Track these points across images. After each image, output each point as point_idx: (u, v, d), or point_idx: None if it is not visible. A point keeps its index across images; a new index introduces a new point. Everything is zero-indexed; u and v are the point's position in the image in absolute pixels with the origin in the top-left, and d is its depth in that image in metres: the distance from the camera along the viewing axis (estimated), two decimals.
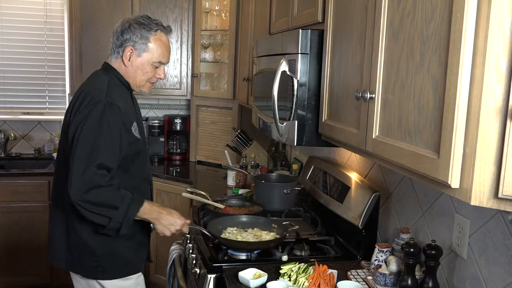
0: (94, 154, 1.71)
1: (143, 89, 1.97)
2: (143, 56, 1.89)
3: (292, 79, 1.74)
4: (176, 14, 3.81)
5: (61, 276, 3.52)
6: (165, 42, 1.93)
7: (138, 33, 1.87)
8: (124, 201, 1.75)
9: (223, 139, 3.76)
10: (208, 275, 1.81)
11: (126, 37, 1.88)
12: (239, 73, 3.28)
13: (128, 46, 1.88)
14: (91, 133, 1.73)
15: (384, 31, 1.26)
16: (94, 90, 1.83)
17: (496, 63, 0.89)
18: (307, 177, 2.55)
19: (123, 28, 1.90)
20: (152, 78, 1.95)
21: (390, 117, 1.24)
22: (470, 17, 0.92)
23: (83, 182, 1.68)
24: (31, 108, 4.10)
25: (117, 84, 1.90)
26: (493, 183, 0.92)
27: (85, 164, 1.70)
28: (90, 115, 1.75)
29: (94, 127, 1.74)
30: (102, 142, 1.74)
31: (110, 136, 1.76)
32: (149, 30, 1.88)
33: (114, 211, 1.73)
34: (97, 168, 1.71)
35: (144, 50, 1.88)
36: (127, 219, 1.76)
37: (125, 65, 1.90)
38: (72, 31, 3.72)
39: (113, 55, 1.93)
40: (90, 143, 1.72)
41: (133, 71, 1.91)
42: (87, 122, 1.74)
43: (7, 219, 3.49)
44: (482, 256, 1.42)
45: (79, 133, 1.74)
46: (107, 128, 1.75)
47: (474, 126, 0.93)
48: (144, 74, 1.92)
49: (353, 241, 2.02)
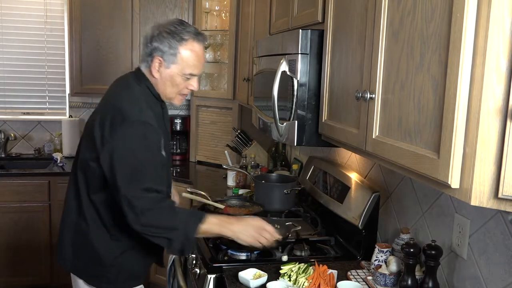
0: (140, 178, 1.64)
1: (173, 101, 1.84)
2: (172, 68, 1.74)
3: (292, 79, 1.74)
4: (176, 14, 3.81)
5: (61, 276, 3.51)
6: (197, 52, 1.76)
7: (166, 43, 1.71)
8: (182, 220, 1.67)
9: (223, 139, 3.76)
10: (208, 275, 1.81)
11: (155, 46, 1.73)
12: (239, 73, 3.28)
13: (157, 56, 1.73)
14: (132, 156, 1.64)
15: (384, 31, 1.26)
16: (127, 106, 1.71)
17: (496, 63, 0.89)
18: (307, 177, 2.55)
19: (153, 34, 1.75)
20: (183, 90, 1.80)
21: (390, 117, 1.24)
22: (470, 17, 0.92)
23: (138, 209, 1.62)
24: (31, 108, 4.10)
25: (149, 95, 1.79)
26: (493, 183, 0.92)
27: (134, 190, 1.63)
28: (127, 135, 1.65)
29: (135, 149, 1.65)
30: (146, 165, 1.66)
31: (152, 155, 1.68)
32: (179, 40, 1.71)
33: (174, 231, 1.65)
34: (148, 192, 1.64)
35: (173, 61, 1.73)
36: (187, 237, 1.66)
37: (154, 76, 1.77)
38: (72, 31, 3.72)
39: (143, 63, 1.80)
40: (134, 166, 1.64)
41: (162, 83, 1.78)
42: (126, 143, 1.65)
43: (7, 219, 3.49)
44: (482, 256, 1.41)
45: (119, 156, 1.64)
46: (147, 149, 1.67)
47: (474, 126, 0.93)
48: (173, 86, 1.78)
49: (353, 241, 2.02)
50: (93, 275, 1.85)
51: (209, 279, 1.81)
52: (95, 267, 1.83)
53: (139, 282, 1.94)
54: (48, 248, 3.56)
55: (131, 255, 1.85)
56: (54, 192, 3.53)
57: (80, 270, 1.87)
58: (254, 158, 3.21)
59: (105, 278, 1.83)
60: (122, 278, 1.86)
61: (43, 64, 4.06)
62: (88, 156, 1.75)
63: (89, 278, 1.86)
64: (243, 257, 1.92)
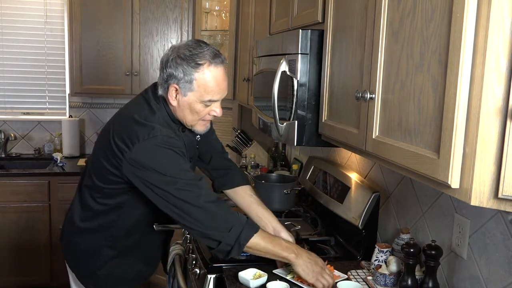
0: (184, 180, 1.59)
1: (196, 128, 1.73)
2: (190, 96, 1.63)
3: (292, 79, 1.73)
4: (176, 14, 3.81)
5: (61, 276, 3.51)
6: (216, 77, 1.62)
7: (181, 69, 1.60)
8: (238, 224, 1.59)
9: (223, 139, 3.74)
10: (208, 275, 1.81)
11: (170, 72, 1.62)
12: (239, 73, 3.28)
13: (172, 84, 1.63)
14: (163, 171, 1.58)
15: (384, 31, 1.26)
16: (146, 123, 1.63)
17: (496, 63, 0.89)
18: (307, 177, 2.55)
19: (167, 58, 1.64)
20: (205, 116, 1.69)
21: (390, 117, 1.24)
22: (470, 17, 0.92)
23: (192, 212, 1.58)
24: (31, 108, 4.11)
25: (166, 119, 1.70)
26: (493, 183, 0.92)
27: (193, 202, 1.58)
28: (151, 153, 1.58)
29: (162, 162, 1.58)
30: (180, 171, 1.60)
31: (184, 166, 1.62)
32: (195, 66, 1.59)
33: (226, 233, 1.58)
34: (199, 198, 1.58)
35: (190, 89, 1.61)
36: (239, 243, 1.59)
37: (172, 104, 1.67)
38: (72, 31, 3.72)
39: (161, 88, 1.68)
40: (171, 181, 1.58)
41: (180, 111, 1.67)
42: (152, 162, 1.58)
43: (7, 219, 3.49)
44: (482, 256, 1.41)
45: (152, 176, 1.58)
46: (177, 158, 1.60)
47: (474, 126, 0.93)
48: (193, 114, 1.67)
49: (353, 241, 2.02)
50: (84, 274, 1.87)
51: (209, 279, 1.81)
52: (88, 266, 1.85)
53: (132, 285, 1.95)
54: (48, 248, 3.56)
55: (123, 260, 1.86)
56: (54, 192, 3.54)
57: (73, 265, 1.91)
58: (254, 158, 3.21)
59: (95, 278, 1.85)
60: (113, 281, 1.87)
61: (43, 64, 4.06)
62: (104, 166, 1.69)
63: (81, 276, 1.89)
64: (243, 257, 1.92)
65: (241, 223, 1.60)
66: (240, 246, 1.59)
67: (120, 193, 1.73)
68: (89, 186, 1.80)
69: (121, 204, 1.76)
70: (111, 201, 1.76)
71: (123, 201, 1.75)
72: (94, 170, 1.77)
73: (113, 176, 1.68)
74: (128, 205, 1.76)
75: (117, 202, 1.75)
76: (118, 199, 1.75)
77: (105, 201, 1.77)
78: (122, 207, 1.76)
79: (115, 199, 1.75)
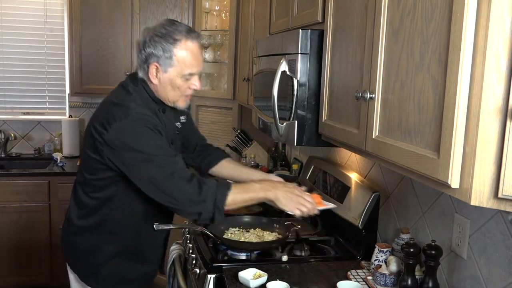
0: (159, 156, 1.64)
1: (178, 104, 1.80)
2: (170, 72, 1.71)
3: (292, 79, 1.73)
4: (176, 14, 3.81)
5: (61, 276, 3.51)
6: (192, 51, 1.71)
7: (160, 47, 1.68)
8: (210, 192, 1.66)
9: (223, 139, 3.76)
10: (208, 275, 1.81)
11: (149, 52, 1.69)
12: (239, 73, 3.28)
13: (152, 62, 1.70)
14: (140, 145, 1.64)
15: (384, 30, 1.26)
16: (121, 103, 1.71)
17: (496, 62, 0.89)
18: (307, 177, 2.55)
19: (144, 40, 1.72)
20: (185, 91, 1.77)
21: (390, 117, 1.24)
22: (470, 17, 0.92)
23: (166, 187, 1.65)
24: (31, 108, 4.10)
25: (145, 99, 1.76)
26: (493, 183, 0.92)
27: (168, 179, 1.64)
28: (127, 130, 1.64)
29: (138, 139, 1.64)
30: (156, 147, 1.65)
31: (154, 141, 1.66)
32: (173, 42, 1.68)
33: (203, 204, 1.65)
34: (169, 176, 1.64)
35: (170, 64, 1.69)
36: (218, 208, 1.66)
37: (153, 83, 1.74)
38: (72, 31, 3.72)
39: (140, 70, 1.76)
40: (146, 153, 1.64)
41: (162, 88, 1.74)
42: (128, 138, 1.63)
43: (7, 219, 3.49)
44: (482, 256, 1.41)
45: (125, 149, 1.64)
46: (151, 135, 1.66)
47: (474, 126, 0.92)
48: (175, 90, 1.74)
49: (353, 241, 2.02)
50: (85, 273, 1.89)
51: (209, 279, 1.81)
52: (88, 264, 1.87)
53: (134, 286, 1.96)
54: (48, 248, 3.56)
55: (123, 259, 1.87)
56: (54, 192, 3.54)
57: (73, 264, 1.93)
58: (254, 158, 3.21)
59: (95, 277, 1.86)
60: (113, 280, 1.88)
61: (43, 64, 4.06)
62: (89, 155, 1.75)
63: (82, 275, 1.90)
64: (243, 257, 1.92)
65: (213, 189, 1.66)
66: (220, 210, 1.66)
67: (108, 184, 1.76)
68: (81, 182, 1.84)
69: (111, 196, 1.78)
70: (102, 194, 1.79)
71: (112, 193, 1.78)
72: (83, 164, 1.82)
73: (97, 163, 1.72)
74: (118, 197, 1.78)
75: (107, 194, 1.78)
76: (107, 192, 1.78)
77: (96, 195, 1.79)
78: (112, 199, 1.78)
79: (105, 191, 1.78)
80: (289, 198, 1.72)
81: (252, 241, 1.97)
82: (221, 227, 2.09)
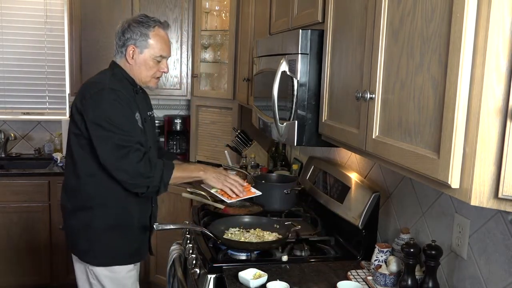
0: (120, 134, 1.86)
1: (149, 84, 2.07)
2: (145, 53, 1.99)
3: (292, 79, 1.74)
4: (176, 14, 3.81)
5: (61, 276, 3.52)
6: (164, 37, 2.03)
7: (137, 31, 1.97)
8: (157, 169, 1.91)
9: (223, 139, 3.76)
10: (208, 275, 1.81)
11: (127, 36, 1.98)
12: (239, 73, 3.28)
13: (130, 44, 1.98)
14: (108, 116, 1.85)
15: (384, 31, 1.26)
16: (97, 81, 1.96)
17: (496, 63, 0.89)
18: (307, 177, 2.55)
19: (123, 28, 2.00)
20: (156, 73, 2.04)
21: (390, 117, 1.24)
22: (470, 17, 0.92)
23: (122, 164, 1.87)
24: (31, 108, 4.10)
25: (121, 78, 2.01)
26: (493, 183, 0.92)
27: (117, 150, 1.86)
28: (98, 101, 1.87)
29: (107, 110, 1.86)
30: (122, 121, 1.88)
31: (124, 115, 1.90)
32: (147, 27, 1.98)
33: (151, 179, 1.90)
34: (128, 154, 1.86)
35: (145, 46, 1.98)
36: (164, 183, 1.92)
37: (129, 63, 2.01)
38: (72, 31, 3.72)
39: (118, 55, 2.04)
40: (112, 125, 1.85)
41: (137, 68, 2.01)
42: (98, 108, 1.86)
43: (7, 219, 3.49)
44: (482, 256, 1.42)
45: (95, 119, 1.86)
46: (120, 108, 1.89)
47: (474, 126, 0.93)
48: (148, 70, 2.02)
49: (353, 241, 2.02)
50: (82, 251, 2.01)
51: (209, 279, 1.81)
52: (84, 242, 1.99)
53: (128, 262, 2.06)
54: (48, 248, 3.56)
55: (115, 232, 2.00)
56: (54, 192, 3.53)
57: (73, 245, 2.05)
58: (254, 158, 3.21)
59: (92, 252, 1.99)
60: (109, 254, 2.00)
61: (43, 64, 4.06)
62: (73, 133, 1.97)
63: (80, 254, 2.02)
64: (243, 257, 1.92)
65: (160, 167, 1.92)
66: (165, 184, 1.94)
67: (91, 159, 1.94)
68: (68, 164, 2.04)
69: (94, 171, 1.95)
70: (86, 171, 1.97)
71: (94, 168, 1.94)
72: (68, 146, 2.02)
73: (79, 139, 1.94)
74: (99, 170, 1.94)
75: (91, 171, 1.95)
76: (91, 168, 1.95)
77: (81, 173, 1.97)
78: (95, 174, 1.95)
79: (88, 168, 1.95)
80: (217, 177, 2.05)
81: (252, 241, 1.97)
82: (221, 228, 2.09)
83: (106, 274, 2.00)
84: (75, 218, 2.01)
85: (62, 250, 3.47)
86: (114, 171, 1.89)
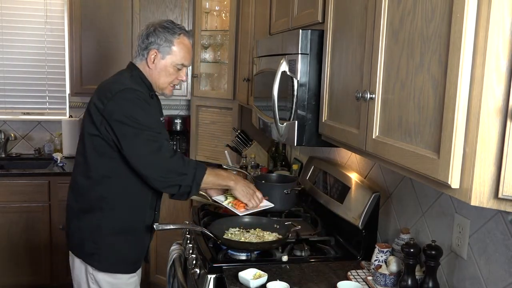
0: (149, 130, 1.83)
1: (165, 91, 2.04)
2: (167, 59, 1.97)
3: (292, 79, 1.74)
4: (176, 14, 3.81)
5: (61, 276, 3.52)
6: (187, 46, 2.00)
7: (162, 36, 1.94)
8: (191, 167, 1.86)
9: (223, 139, 3.76)
10: (208, 275, 1.81)
11: (151, 40, 1.95)
12: (239, 73, 3.28)
13: (153, 49, 1.95)
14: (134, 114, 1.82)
15: (384, 31, 1.26)
16: (117, 82, 1.93)
17: (496, 63, 0.89)
18: (307, 177, 2.55)
19: (148, 31, 1.96)
20: (174, 80, 2.02)
21: (390, 117, 1.24)
22: (470, 17, 0.92)
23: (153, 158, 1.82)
24: (31, 108, 4.10)
25: (139, 82, 1.97)
26: (493, 183, 0.93)
27: (148, 145, 1.82)
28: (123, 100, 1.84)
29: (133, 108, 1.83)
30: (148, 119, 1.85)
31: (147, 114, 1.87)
32: (173, 33, 1.95)
33: (184, 176, 1.84)
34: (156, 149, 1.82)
35: (168, 52, 1.96)
36: (196, 182, 1.87)
37: (149, 67, 1.98)
38: (72, 31, 3.72)
39: (138, 57, 2.01)
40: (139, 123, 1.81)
41: (156, 73, 1.98)
42: (123, 107, 1.83)
43: (7, 219, 3.49)
44: (482, 256, 1.42)
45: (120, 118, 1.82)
46: (145, 106, 1.86)
47: (474, 126, 0.93)
48: (167, 76, 1.99)
49: (353, 241, 2.02)
50: (87, 253, 1.96)
51: (209, 279, 1.81)
52: (90, 244, 1.94)
53: (131, 270, 2.02)
54: (48, 248, 3.56)
55: (122, 237, 1.96)
56: (54, 192, 3.53)
57: (77, 247, 1.99)
58: (254, 158, 3.21)
59: (97, 256, 1.94)
60: (114, 260, 1.96)
61: (43, 64, 4.06)
62: (88, 134, 1.91)
63: (85, 256, 1.97)
64: (243, 257, 1.92)
65: (193, 166, 1.88)
66: (198, 185, 1.87)
67: (107, 161, 1.89)
68: (80, 163, 1.97)
69: (108, 173, 1.91)
70: (99, 172, 1.91)
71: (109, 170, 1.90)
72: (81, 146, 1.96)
73: (96, 140, 1.88)
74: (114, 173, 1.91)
75: (104, 172, 1.91)
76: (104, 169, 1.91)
77: (93, 174, 1.92)
78: (109, 176, 1.91)
79: (102, 169, 1.91)
80: (246, 191, 2.01)
81: (252, 241, 1.97)
82: (221, 228, 2.09)
83: (108, 280, 1.96)
84: (82, 219, 1.96)
85: (62, 250, 3.47)
86: (144, 169, 1.83)
